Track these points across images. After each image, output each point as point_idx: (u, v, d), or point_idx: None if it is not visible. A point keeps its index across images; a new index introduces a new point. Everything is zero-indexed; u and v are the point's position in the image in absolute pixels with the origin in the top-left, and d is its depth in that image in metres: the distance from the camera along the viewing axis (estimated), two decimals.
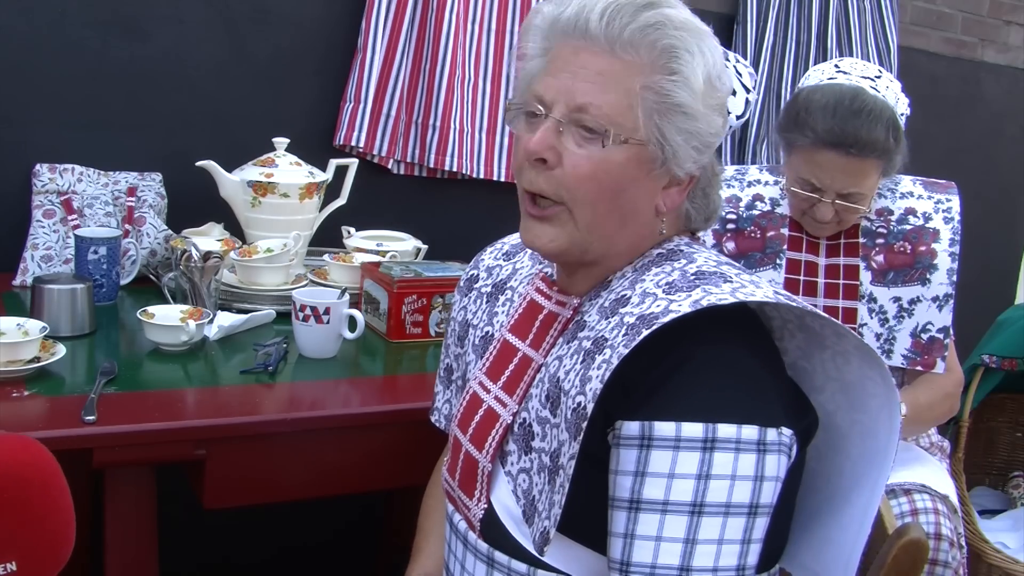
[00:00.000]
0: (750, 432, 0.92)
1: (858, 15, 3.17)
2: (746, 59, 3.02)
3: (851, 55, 3.16)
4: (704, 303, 0.95)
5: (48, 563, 0.77)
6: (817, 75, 1.79)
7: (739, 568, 0.93)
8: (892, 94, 1.72)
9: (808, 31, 3.09)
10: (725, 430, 0.92)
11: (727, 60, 1.14)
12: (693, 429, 0.92)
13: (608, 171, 1.00)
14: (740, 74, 1.16)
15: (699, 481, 0.91)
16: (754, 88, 1.18)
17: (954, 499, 1.84)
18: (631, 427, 0.94)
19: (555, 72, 1.02)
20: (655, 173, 1.03)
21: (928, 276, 1.78)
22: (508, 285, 1.23)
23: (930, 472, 1.86)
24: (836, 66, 1.78)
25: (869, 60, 3.19)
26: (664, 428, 0.92)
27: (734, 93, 1.12)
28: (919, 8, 3.43)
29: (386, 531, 2.27)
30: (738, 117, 1.14)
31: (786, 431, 0.95)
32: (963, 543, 1.79)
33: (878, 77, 1.74)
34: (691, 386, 0.94)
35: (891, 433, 1.02)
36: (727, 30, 3.03)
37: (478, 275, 1.29)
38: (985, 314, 2.76)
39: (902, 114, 1.73)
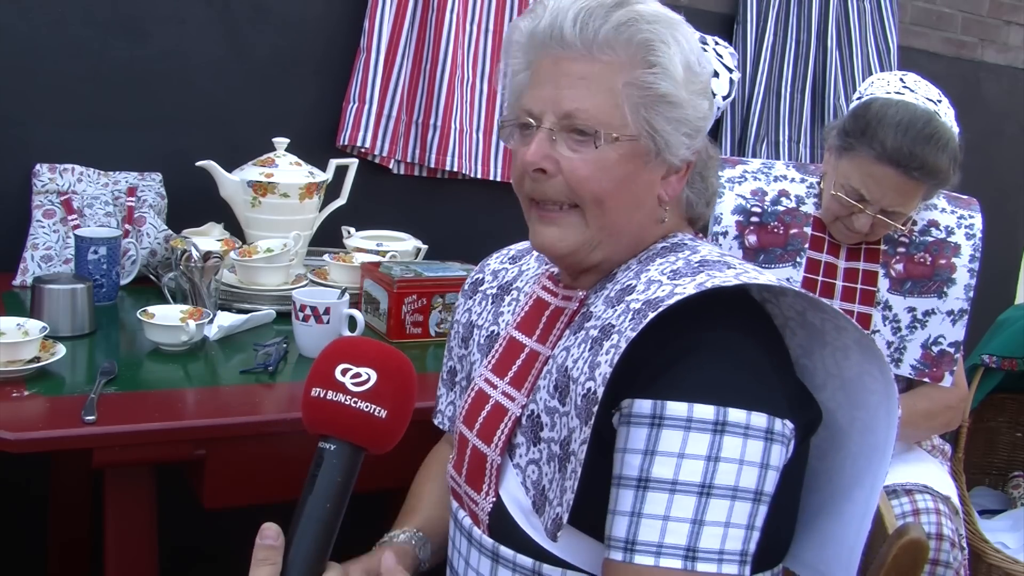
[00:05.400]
0: (759, 419, 0.93)
1: (858, 15, 3.17)
2: (746, 59, 3.02)
3: (851, 55, 3.16)
4: (708, 285, 0.96)
5: (397, 427, 0.93)
6: (882, 85, 1.76)
7: (743, 553, 0.93)
8: (950, 121, 1.71)
9: (808, 31, 3.09)
10: (735, 414, 0.92)
11: (705, 44, 1.15)
12: (704, 411, 0.92)
13: (606, 169, 1.02)
14: (721, 56, 1.18)
15: (708, 462, 0.91)
16: (737, 68, 1.19)
17: (955, 500, 1.84)
18: (642, 405, 0.94)
19: (539, 84, 1.04)
20: (651, 165, 1.05)
21: (945, 290, 1.78)
22: (514, 286, 1.24)
23: (932, 473, 1.86)
24: (902, 80, 1.76)
25: (869, 60, 3.20)
26: (676, 408, 0.93)
27: (716, 75, 1.14)
28: (919, 8, 3.43)
29: (386, 531, 2.26)
30: (724, 98, 1.15)
31: (788, 423, 0.96)
32: (964, 544, 1.79)
33: (939, 102, 1.73)
34: (702, 368, 0.94)
35: (889, 428, 1.02)
36: (727, 30, 3.03)
37: (483, 278, 1.30)
38: (985, 314, 2.76)
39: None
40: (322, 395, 0.91)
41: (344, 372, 0.91)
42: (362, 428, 0.90)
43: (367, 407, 0.90)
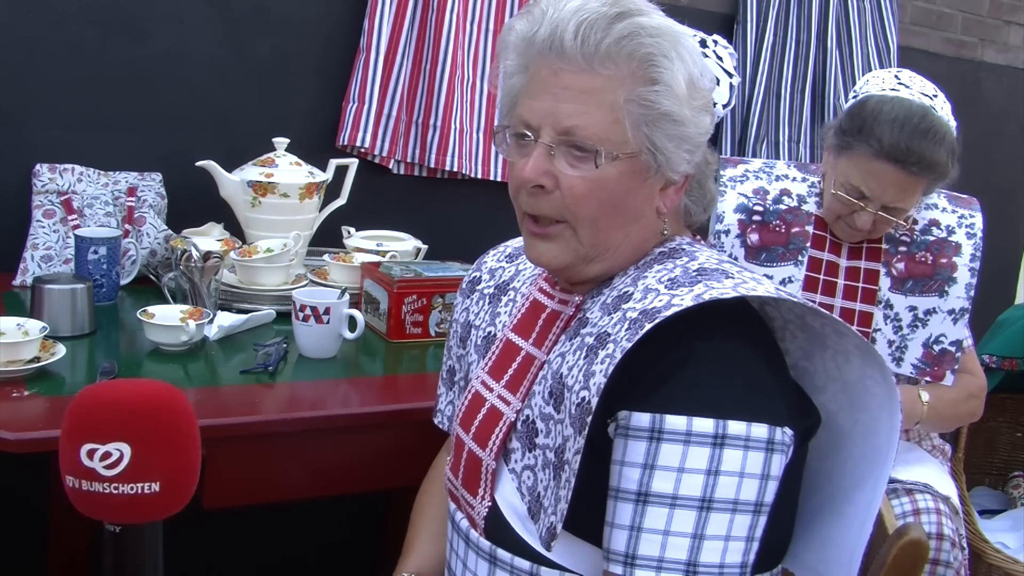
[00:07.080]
0: (760, 431, 0.93)
1: (858, 15, 3.17)
2: (746, 59, 3.02)
3: (851, 55, 3.16)
4: (706, 297, 0.95)
5: (183, 490, 0.80)
6: (877, 83, 1.77)
7: (743, 565, 0.93)
8: (946, 115, 1.72)
9: (808, 31, 3.09)
10: (735, 427, 0.92)
11: (705, 47, 1.13)
12: (704, 424, 0.92)
13: (605, 187, 1.01)
14: (721, 58, 1.15)
15: (708, 476, 0.91)
16: (737, 71, 1.17)
17: (956, 500, 1.85)
18: (641, 418, 0.94)
19: (537, 94, 1.02)
20: (650, 180, 1.04)
21: (946, 289, 1.78)
22: (511, 286, 1.23)
23: (932, 473, 1.86)
24: (896, 77, 1.77)
25: (869, 60, 3.19)
26: (675, 422, 0.92)
27: (717, 82, 1.12)
28: (919, 8, 3.43)
29: (386, 531, 2.27)
30: (724, 106, 1.14)
31: (788, 431, 0.96)
32: (964, 544, 1.79)
33: (935, 96, 1.74)
34: (700, 380, 0.94)
35: (892, 432, 1.02)
36: (727, 30, 3.02)
37: (480, 277, 1.29)
38: (985, 314, 2.76)
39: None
40: (77, 486, 0.77)
41: (91, 454, 0.76)
42: (135, 509, 0.78)
43: (131, 488, 0.76)
